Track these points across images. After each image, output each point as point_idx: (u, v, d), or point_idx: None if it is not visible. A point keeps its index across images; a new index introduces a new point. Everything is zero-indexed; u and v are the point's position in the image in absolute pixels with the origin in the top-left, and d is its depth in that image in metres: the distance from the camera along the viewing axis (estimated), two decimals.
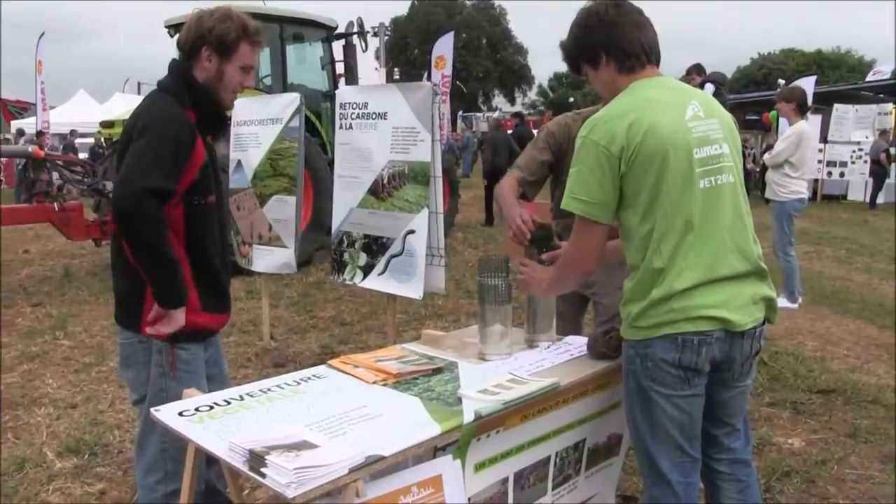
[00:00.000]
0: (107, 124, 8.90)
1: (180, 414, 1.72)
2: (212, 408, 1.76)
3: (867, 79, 22.84)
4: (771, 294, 1.96)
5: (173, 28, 8.18)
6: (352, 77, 9.15)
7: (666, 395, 1.87)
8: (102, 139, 14.93)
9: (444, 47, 15.19)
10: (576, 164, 1.88)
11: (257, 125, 4.92)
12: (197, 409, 1.75)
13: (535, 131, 8.36)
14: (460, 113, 35.89)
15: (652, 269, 1.84)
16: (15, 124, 21.32)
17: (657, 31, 1.97)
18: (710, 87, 7.36)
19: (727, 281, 1.86)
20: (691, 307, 1.82)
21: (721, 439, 2.03)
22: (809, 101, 16.82)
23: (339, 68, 9.41)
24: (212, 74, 2.18)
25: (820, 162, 15.95)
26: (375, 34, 11.17)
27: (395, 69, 31.23)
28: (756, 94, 24.63)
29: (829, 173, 16.65)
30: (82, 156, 13.96)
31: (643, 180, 1.82)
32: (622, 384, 1.99)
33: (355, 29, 9.46)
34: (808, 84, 17.10)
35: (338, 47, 9.40)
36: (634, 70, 1.93)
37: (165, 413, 1.73)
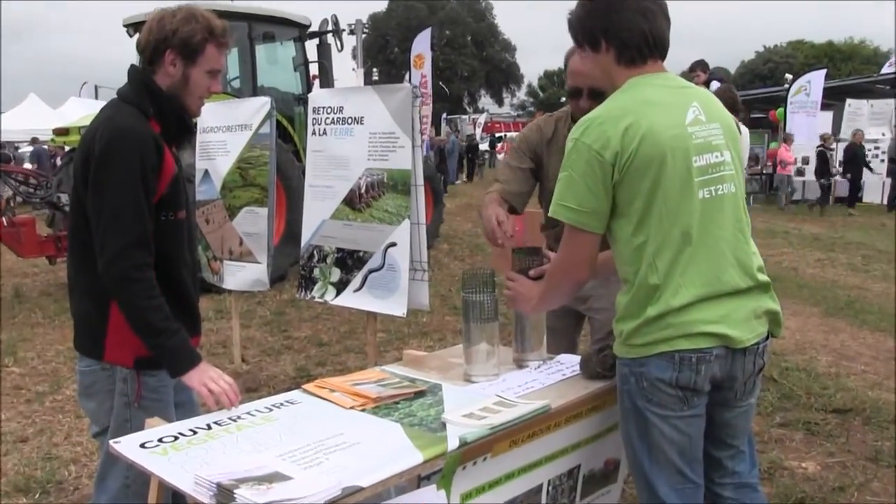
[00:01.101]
0: (61, 131, 8.87)
1: (142, 446, 1.72)
2: (177, 438, 1.76)
3: (883, 71, 22.90)
4: (774, 307, 1.98)
5: (132, 27, 8.18)
6: (326, 79, 9.18)
7: (663, 417, 1.89)
8: (56, 147, 14.88)
9: (422, 45, 15.30)
10: (565, 169, 1.88)
11: (225, 132, 4.93)
12: (160, 440, 1.75)
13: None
14: (444, 115, 36.04)
15: (647, 285, 1.86)
16: None
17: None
18: (715, 83, 7.45)
19: (727, 297, 1.88)
20: (689, 323, 1.84)
21: (724, 462, 2.04)
22: (816, 96, 16.95)
23: (314, 69, 9.44)
24: (177, 80, 2.17)
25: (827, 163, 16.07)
26: (352, 32, 11.23)
27: (374, 69, 31.39)
28: (762, 91, 24.87)
29: (842, 174, 16.75)
30: (27, 165, 13.85)
31: (638, 188, 1.84)
32: (618, 404, 2.00)
33: (330, 27, 9.51)
34: (817, 78, 17.30)
35: (311, 47, 9.45)
36: (634, 63, 1.91)
37: (126, 445, 1.73)
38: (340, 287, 3.80)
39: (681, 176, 1.84)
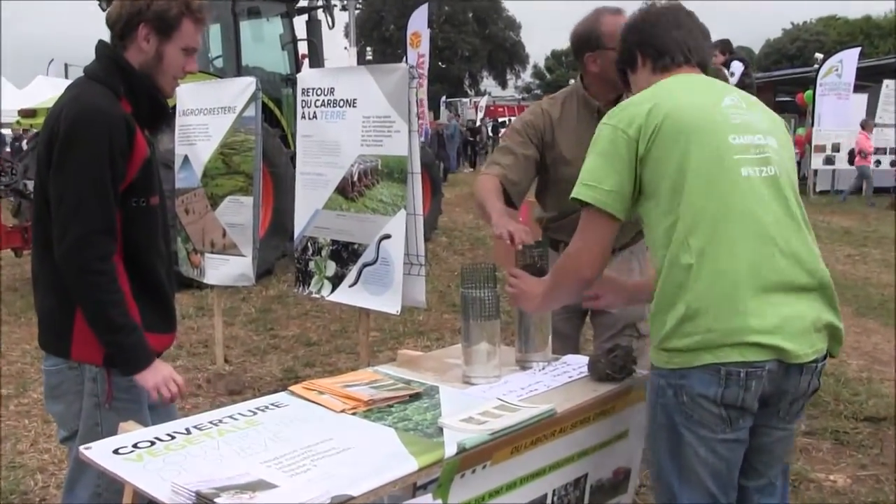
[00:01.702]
0: (27, 113, 8.86)
1: (115, 451, 1.72)
2: (153, 443, 1.76)
3: None
4: (836, 322, 1.89)
5: (105, 1, 8.17)
6: (316, 58, 9.16)
7: (701, 438, 1.83)
8: (22, 130, 14.82)
9: (419, 22, 15.26)
10: (590, 153, 1.96)
11: (207, 115, 4.93)
12: (135, 446, 1.75)
13: None
14: (443, 98, 36.00)
15: (679, 265, 1.81)
16: None
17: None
18: (737, 65, 7.43)
19: (781, 293, 1.80)
20: (738, 330, 1.77)
21: (752, 495, 1.96)
22: (849, 77, 16.85)
23: (302, 48, 9.43)
24: (149, 57, 2.17)
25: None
26: (344, 8, 11.19)
27: (368, 48, 31.36)
28: (788, 72, 24.77)
29: (878, 162, 16.60)
30: None
31: (666, 164, 1.85)
32: (647, 415, 1.98)
33: (320, 2, 9.48)
34: (850, 57, 17.18)
35: (300, 23, 9.44)
36: (668, 69, 2.02)
37: (97, 451, 1.73)
38: (336, 282, 3.81)
39: (715, 150, 1.84)
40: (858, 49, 18.03)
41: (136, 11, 2.14)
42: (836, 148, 16.72)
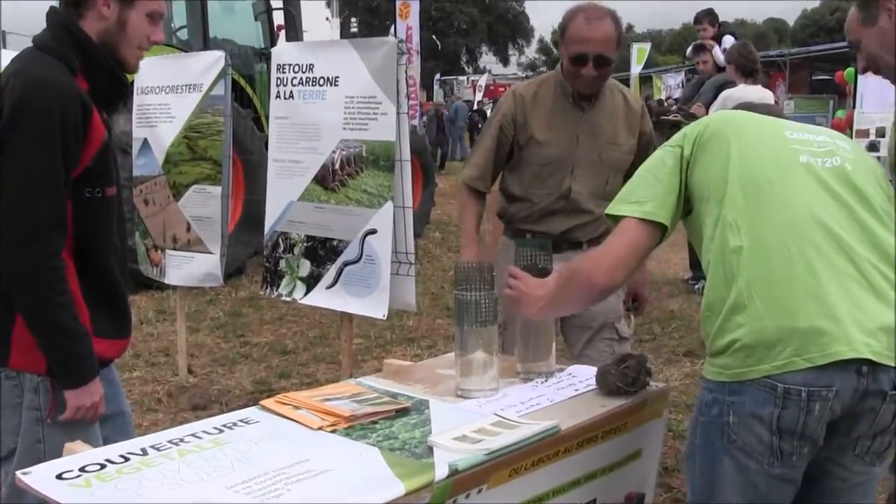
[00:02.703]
0: None
1: (59, 476, 1.70)
2: (103, 466, 1.75)
3: None
4: None
5: None
6: (294, 30, 9.15)
7: (742, 466, 1.79)
8: None
9: None
10: (637, 172, 2.07)
11: (169, 93, 4.92)
12: (83, 470, 1.74)
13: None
14: (437, 76, 36.04)
15: (728, 249, 1.81)
16: None
17: None
18: (729, 38, 7.43)
19: (854, 281, 1.75)
20: (808, 332, 1.71)
21: None
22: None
23: (278, 18, 9.42)
24: (110, 25, 2.15)
25: None
26: None
27: (352, 19, 31.34)
28: (827, 47, 24.76)
29: None
30: None
31: (714, 160, 1.90)
32: (689, 431, 1.99)
33: None
34: None
35: None
36: None
37: (38, 476, 1.71)
38: (311, 283, 3.81)
39: (769, 142, 1.91)
40: None
41: None
42: (881, 133, 16.72)
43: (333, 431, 1.96)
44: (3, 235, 2.03)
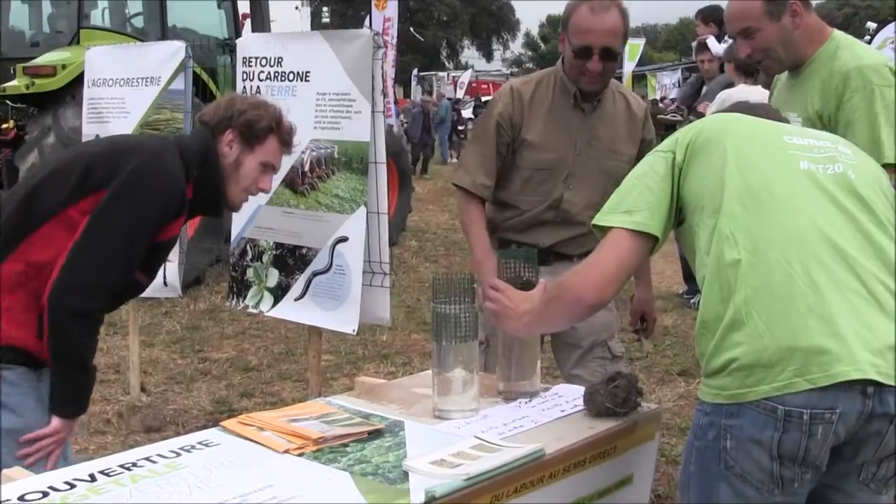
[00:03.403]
0: None
1: None
2: (45, 495, 1.73)
3: None
4: None
5: None
6: (261, 19, 9.15)
7: (740, 494, 1.79)
8: None
9: None
10: (625, 180, 2.06)
11: (124, 86, 4.89)
12: (22, 499, 1.72)
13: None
14: (415, 72, 36.10)
15: (724, 263, 1.82)
16: None
17: None
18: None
19: (857, 296, 1.76)
20: (810, 351, 1.71)
21: None
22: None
23: (244, 6, 9.42)
24: (228, 162, 2.60)
25: None
26: None
27: (324, 9, 31.33)
28: None
29: None
30: None
31: (708, 169, 1.92)
32: (683, 457, 2.00)
33: None
34: (891, 31, 17.34)
35: None
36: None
37: None
38: (279, 294, 3.80)
39: (767, 148, 1.94)
40: None
41: (228, 116, 2.59)
42: None
43: (301, 455, 1.96)
44: (66, 274, 2.31)
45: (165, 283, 4.63)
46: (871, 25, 19.15)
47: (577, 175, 3.05)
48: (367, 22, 16.68)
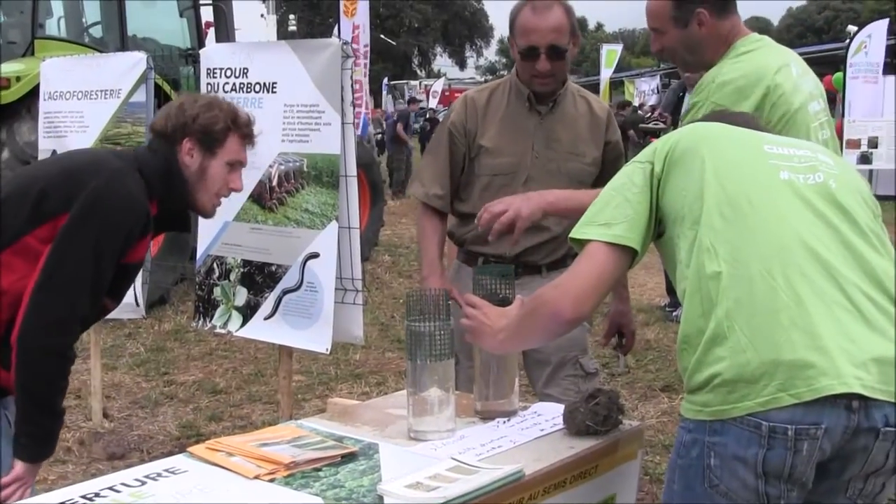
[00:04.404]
0: None
1: None
2: None
3: None
4: None
5: None
6: (225, 28, 9.14)
7: None
8: None
9: None
10: (603, 191, 2.08)
11: (82, 99, 4.88)
12: None
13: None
14: (385, 81, 36.15)
15: (705, 275, 1.83)
16: None
17: None
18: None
19: (844, 310, 1.77)
20: (794, 365, 1.72)
21: None
22: (877, 55, 17.29)
23: (206, 14, 9.40)
24: (192, 172, 2.58)
25: None
26: None
27: (291, 16, 31.28)
28: (815, 49, 25.14)
29: None
30: None
31: (687, 179, 1.93)
32: (666, 475, 2.00)
33: None
34: (878, 31, 17.50)
35: None
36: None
37: None
38: (247, 313, 3.80)
39: (747, 158, 1.96)
40: (887, 20, 18.32)
41: (182, 124, 2.55)
42: (873, 143, 16.87)
43: (272, 481, 1.95)
44: (33, 312, 2.30)
45: (138, 304, 4.63)
46: (852, 29, 19.34)
47: (536, 178, 3.06)
48: (335, 31, 16.71)
